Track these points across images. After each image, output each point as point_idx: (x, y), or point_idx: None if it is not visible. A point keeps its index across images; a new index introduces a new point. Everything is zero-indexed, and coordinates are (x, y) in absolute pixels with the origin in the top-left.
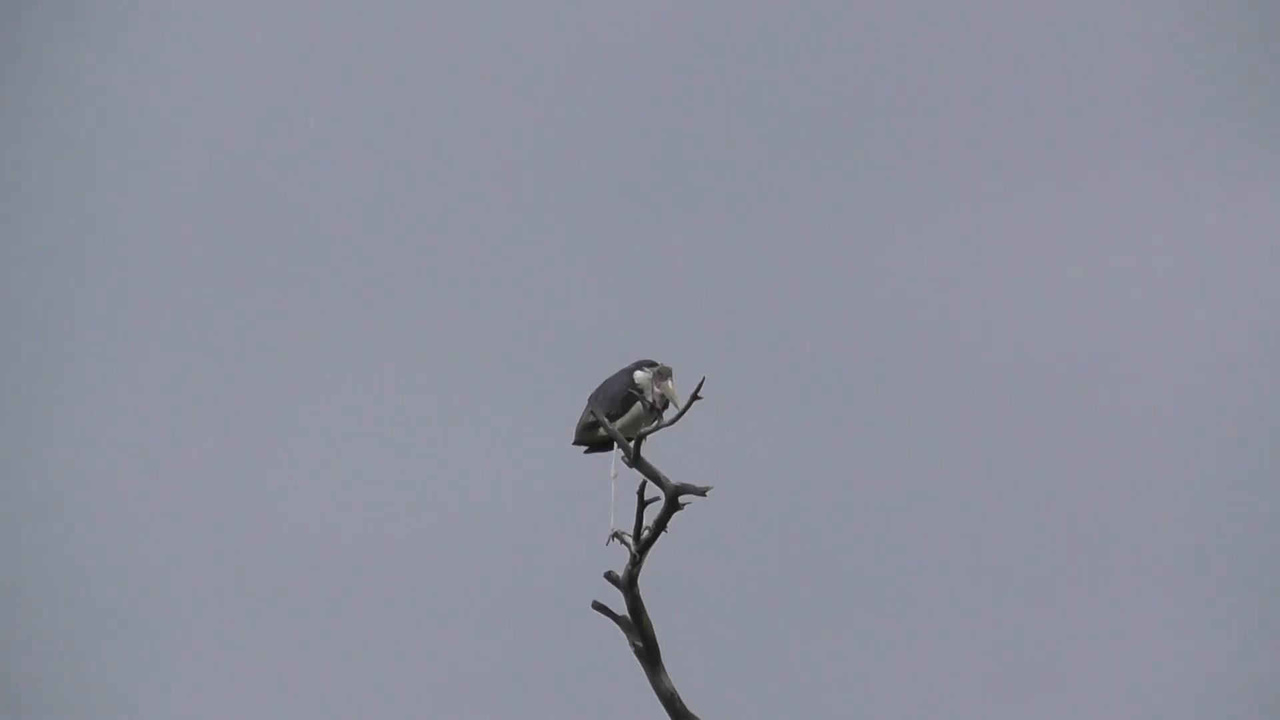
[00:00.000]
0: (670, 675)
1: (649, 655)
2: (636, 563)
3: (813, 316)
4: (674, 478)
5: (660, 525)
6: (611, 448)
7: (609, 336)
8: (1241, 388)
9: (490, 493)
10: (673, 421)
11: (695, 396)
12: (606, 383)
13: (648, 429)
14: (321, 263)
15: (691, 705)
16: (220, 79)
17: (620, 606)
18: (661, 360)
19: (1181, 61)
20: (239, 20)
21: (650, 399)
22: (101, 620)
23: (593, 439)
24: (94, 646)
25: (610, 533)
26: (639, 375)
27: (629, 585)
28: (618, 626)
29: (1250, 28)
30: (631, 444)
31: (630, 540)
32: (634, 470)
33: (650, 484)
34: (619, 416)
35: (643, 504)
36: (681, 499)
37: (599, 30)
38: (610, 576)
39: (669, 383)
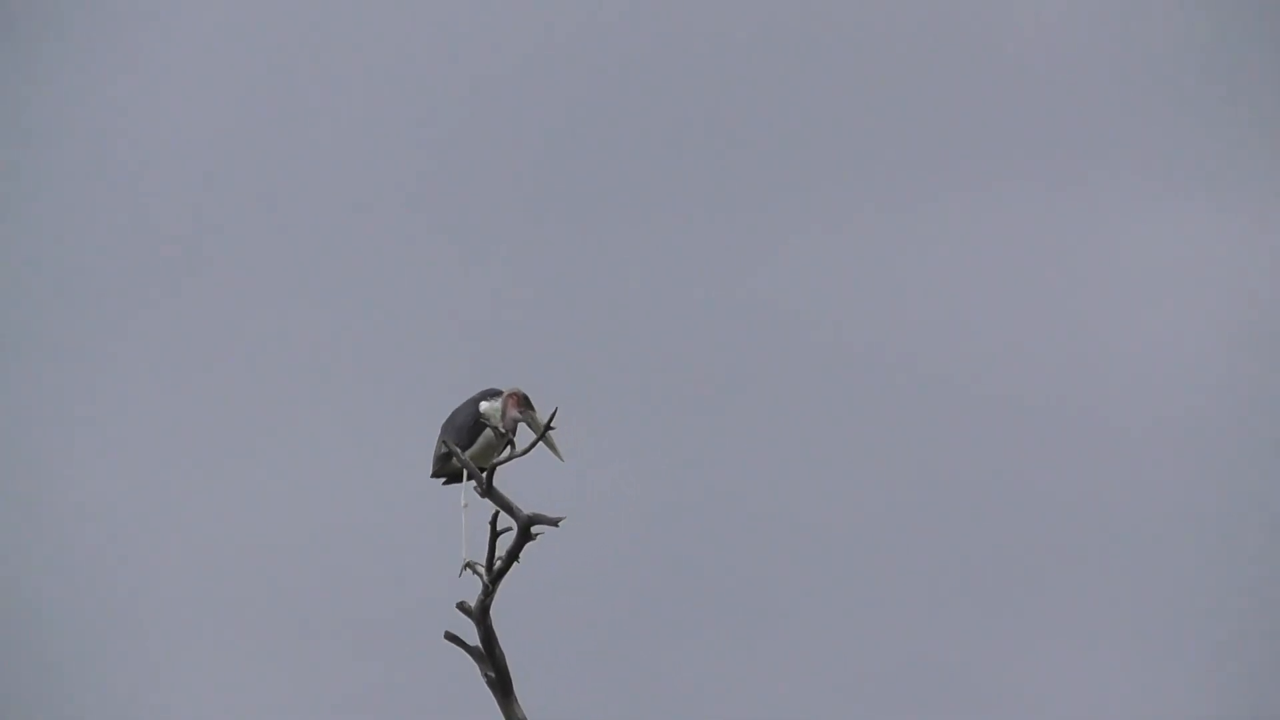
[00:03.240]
0: (523, 706)
1: (501, 686)
2: (489, 593)
3: (665, 344)
4: (526, 508)
5: (513, 556)
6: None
7: (466, 366)
8: (1139, 396)
9: (342, 524)
10: (525, 452)
11: (548, 427)
12: (454, 414)
13: (500, 459)
14: (179, 292)
15: None
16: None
17: (473, 637)
18: (518, 388)
19: (1110, 57)
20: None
21: (503, 428)
22: None
23: (451, 470)
24: None
25: (463, 563)
26: (485, 405)
27: (481, 616)
28: (470, 657)
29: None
30: (484, 474)
31: (483, 571)
32: (486, 501)
33: (503, 514)
34: (468, 446)
35: (495, 534)
36: (534, 529)
37: (458, 53)
38: (463, 607)
39: (534, 412)
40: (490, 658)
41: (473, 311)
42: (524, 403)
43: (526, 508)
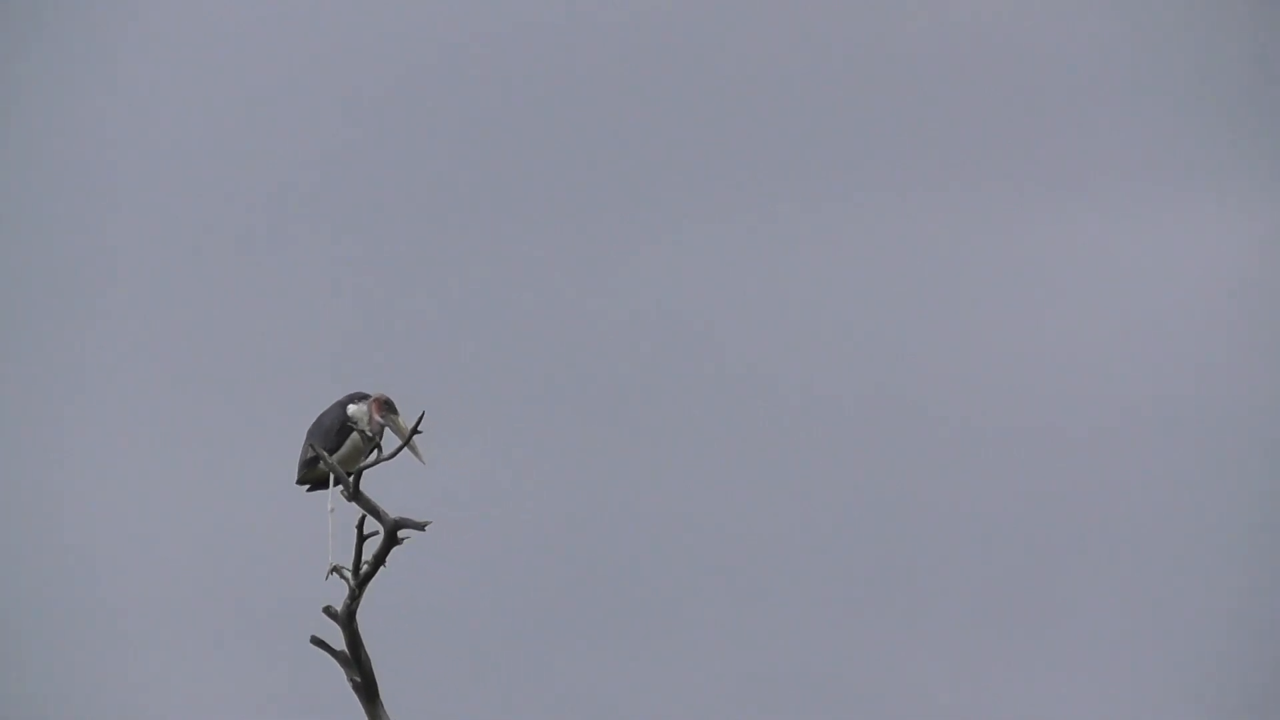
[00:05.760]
0: (388, 710)
1: (367, 690)
2: (355, 597)
3: (533, 348)
4: (393, 512)
5: (379, 560)
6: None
7: (333, 372)
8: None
9: (209, 527)
10: (392, 455)
11: (415, 430)
12: (321, 417)
13: (366, 463)
14: (46, 299)
15: None
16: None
17: (339, 641)
18: (382, 392)
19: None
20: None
21: (369, 431)
22: None
23: (316, 476)
24: None
25: (329, 567)
26: (352, 408)
27: (348, 620)
28: (336, 662)
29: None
30: (351, 478)
31: (349, 575)
32: (353, 505)
33: (369, 518)
34: (335, 449)
35: (362, 538)
36: (401, 533)
37: (334, 63)
38: (329, 611)
39: (397, 416)
40: (356, 662)
41: (341, 316)
42: (387, 407)
43: (393, 512)
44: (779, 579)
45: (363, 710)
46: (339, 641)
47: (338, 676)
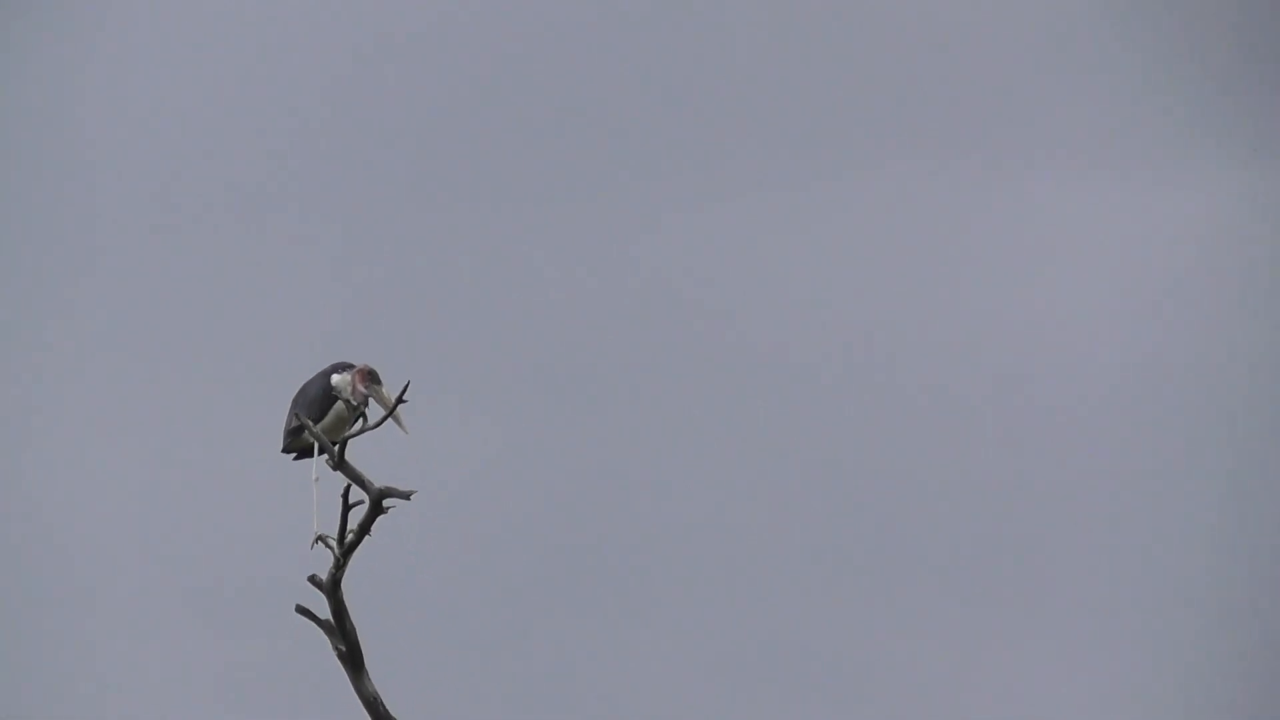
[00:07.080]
0: (373, 679)
1: (352, 659)
2: (340, 566)
3: (521, 319)
4: (378, 481)
5: (364, 529)
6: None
7: (318, 340)
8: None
9: (194, 496)
10: (377, 425)
11: (400, 400)
12: (305, 386)
13: (352, 432)
14: (26, 271)
15: (394, 709)
16: None
17: (324, 610)
18: (366, 363)
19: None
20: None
21: (354, 401)
22: None
23: (301, 445)
24: None
25: (314, 536)
26: (336, 379)
27: (332, 589)
28: (321, 630)
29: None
30: (336, 447)
31: (334, 544)
32: (338, 474)
33: (355, 487)
34: (319, 419)
35: (347, 507)
36: (385, 503)
37: (311, 35)
38: (314, 580)
39: (381, 387)
40: (341, 631)
41: (328, 288)
42: (371, 378)
43: (378, 481)
44: (767, 562)
45: (348, 679)
46: (324, 610)
47: (323, 645)
